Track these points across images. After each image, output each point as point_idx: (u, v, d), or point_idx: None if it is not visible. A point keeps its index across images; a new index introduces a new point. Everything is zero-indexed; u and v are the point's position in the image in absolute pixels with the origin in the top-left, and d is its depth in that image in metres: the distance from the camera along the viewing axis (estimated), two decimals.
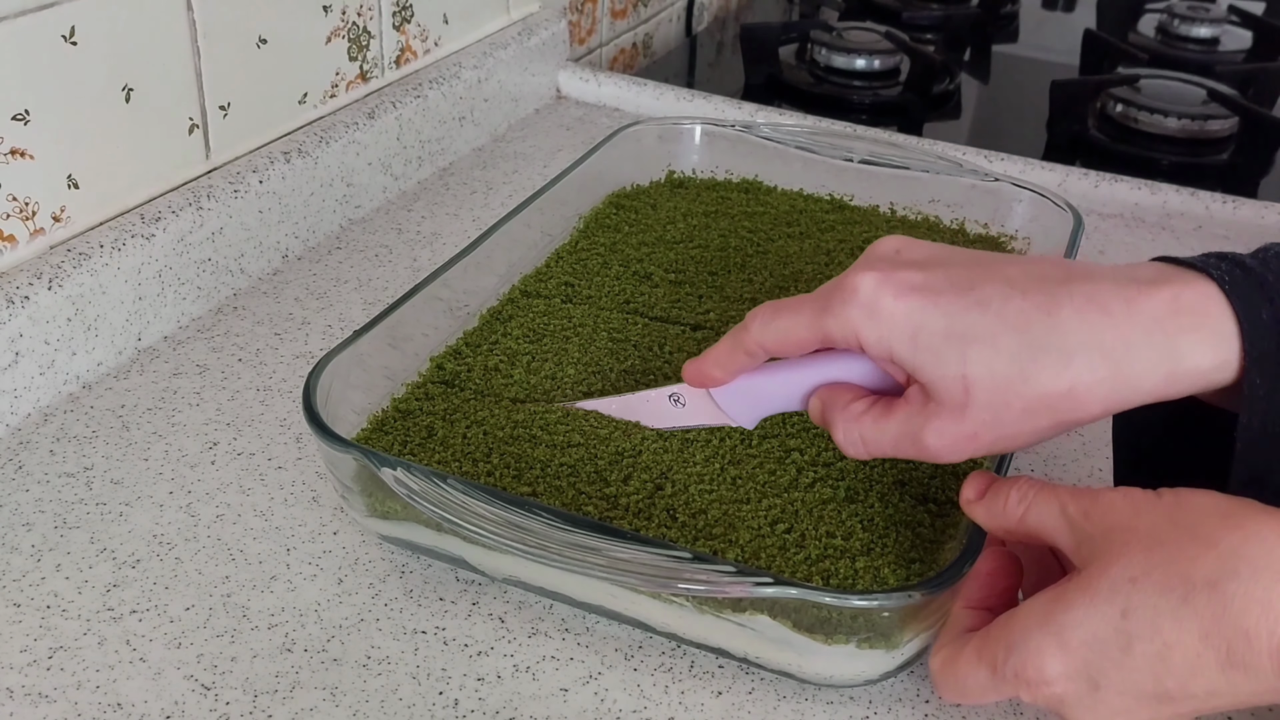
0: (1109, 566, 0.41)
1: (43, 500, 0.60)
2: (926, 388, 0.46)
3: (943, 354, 0.44)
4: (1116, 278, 0.44)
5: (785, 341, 0.49)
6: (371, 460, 0.51)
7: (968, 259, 0.47)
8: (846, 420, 0.49)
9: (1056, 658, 0.41)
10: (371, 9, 0.89)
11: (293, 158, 0.81)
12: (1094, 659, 0.41)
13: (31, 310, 0.64)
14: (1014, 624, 0.43)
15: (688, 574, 0.47)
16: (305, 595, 0.56)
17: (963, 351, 0.44)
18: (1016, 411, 0.44)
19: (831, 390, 0.50)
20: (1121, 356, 0.43)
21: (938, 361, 0.44)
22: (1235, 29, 1.40)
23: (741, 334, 0.50)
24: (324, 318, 0.77)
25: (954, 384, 0.44)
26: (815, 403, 0.51)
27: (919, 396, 0.46)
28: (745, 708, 0.51)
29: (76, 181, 0.68)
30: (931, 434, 0.46)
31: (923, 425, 0.46)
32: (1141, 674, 0.40)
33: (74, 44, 0.66)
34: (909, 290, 0.45)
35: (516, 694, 0.51)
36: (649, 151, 0.87)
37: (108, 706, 0.50)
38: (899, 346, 0.45)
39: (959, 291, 0.45)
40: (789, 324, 0.48)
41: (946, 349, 0.44)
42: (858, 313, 0.46)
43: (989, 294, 0.44)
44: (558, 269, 0.74)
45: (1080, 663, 0.41)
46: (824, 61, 1.22)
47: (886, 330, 0.45)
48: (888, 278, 0.46)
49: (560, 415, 0.61)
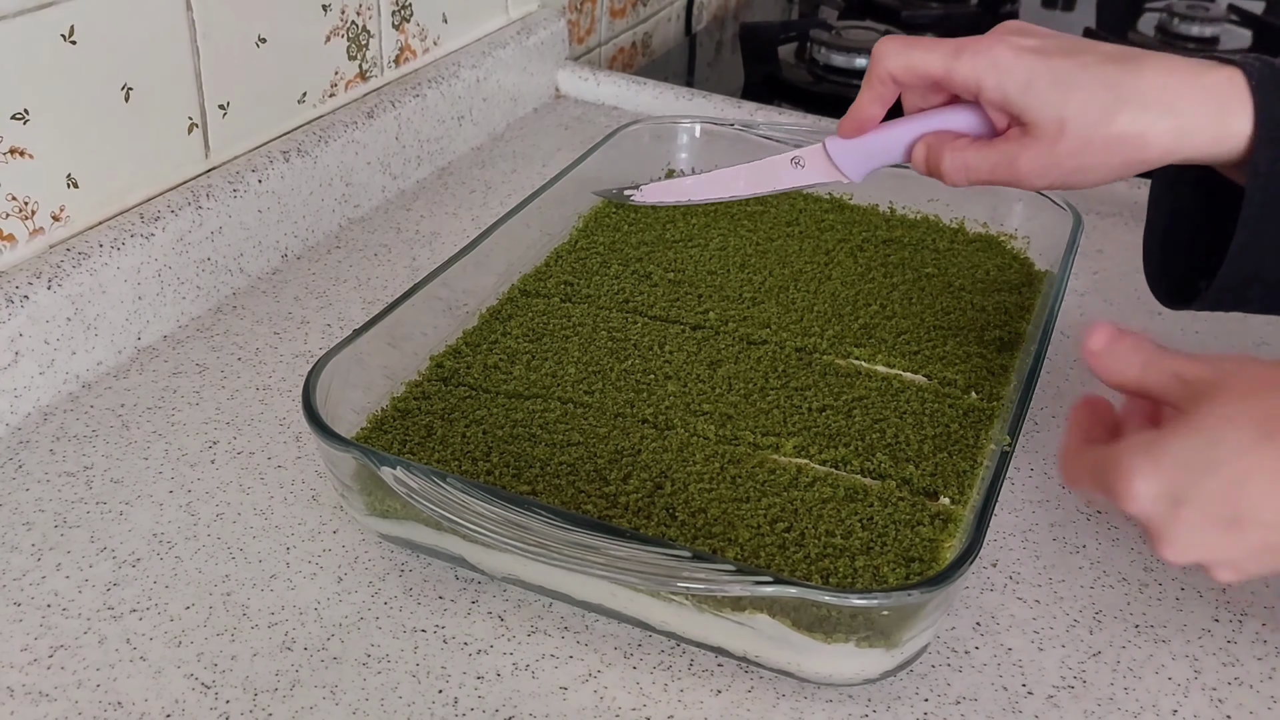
0: (1211, 408, 0.47)
1: (43, 499, 0.60)
2: (1029, 126, 0.57)
3: (1047, 98, 0.56)
4: (1188, 59, 0.56)
5: (914, 73, 0.59)
6: (371, 459, 0.51)
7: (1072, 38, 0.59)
8: (953, 151, 0.60)
9: (1149, 478, 0.47)
10: (370, 8, 0.89)
11: (292, 157, 0.81)
12: (1180, 480, 0.46)
13: (31, 310, 0.64)
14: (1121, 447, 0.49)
15: (687, 572, 0.47)
16: (305, 594, 0.56)
17: (1064, 97, 0.55)
18: (1096, 147, 0.55)
19: (937, 134, 0.61)
20: (1185, 113, 0.54)
21: (1043, 104, 0.56)
22: (1235, 28, 1.40)
23: (873, 67, 0.61)
24: (323, 317, 0.77)
25: (1053, 123, 0.56)
26: (920, 148, 0.61)
27: (1018, 133, 0.58)
28: (745, 706, 0.51)
29: (76, 181, 0.68)
30: (1025, 159, 0.57)
31: (1019, 152, 0.57)
32: (1218, 496, 0.46)
33: (73, 43, 0.66)
34: (1027, 51, 0.57)
35: (516, 692, 0.51)
36: (648, 150, 0.87)
37: (108, 705, 0.50)
38: (1013, 91, 0.56)
39: (1066, 54, 0.56)
40: (922, 58, 0.59)
41: (1052, 94, 0.55)
42: (985, 62, 0.57)
43: (1088, 59, 0.56)
44: (557, 268, 0.74)
45: (1168, 484, 0.47)
46: (823, 60, 1.22)
47: (1006, 77, 0.56)
48: (1011, 41, 0.57)
49: (560, 414, 0.61)
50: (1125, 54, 0.56)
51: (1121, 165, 0.56)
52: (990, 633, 0.56)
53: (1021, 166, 0.58)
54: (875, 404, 0.63)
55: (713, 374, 0.64)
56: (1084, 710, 0.52)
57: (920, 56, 0.59)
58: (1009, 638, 0.55)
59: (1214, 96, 0.54)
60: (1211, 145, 0.55)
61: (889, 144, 0.63)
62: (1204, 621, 0.57)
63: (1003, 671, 0.54)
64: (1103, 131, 0.55)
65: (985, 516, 0.50)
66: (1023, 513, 0.63)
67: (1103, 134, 0.55)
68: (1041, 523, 0.62)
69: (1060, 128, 0.56)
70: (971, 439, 0.60)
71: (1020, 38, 0.58)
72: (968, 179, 0.60)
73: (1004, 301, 0.72)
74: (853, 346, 0.67)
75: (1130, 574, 0.59)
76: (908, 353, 0.67)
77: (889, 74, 0.60)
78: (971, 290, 0.73)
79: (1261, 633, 0.56)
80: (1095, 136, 0.55)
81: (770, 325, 0.69)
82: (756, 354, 0.66)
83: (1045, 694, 0.53)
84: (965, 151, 0.59)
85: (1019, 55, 0.57)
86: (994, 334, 0.69)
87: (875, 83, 0.61)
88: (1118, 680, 0.53)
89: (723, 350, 0.67)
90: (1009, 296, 0.73)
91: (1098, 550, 0.61)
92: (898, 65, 0.60)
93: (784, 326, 0.69)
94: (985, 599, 0.57)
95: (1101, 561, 0.60)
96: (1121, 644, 0.55)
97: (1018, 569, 0.59)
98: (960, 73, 0.58)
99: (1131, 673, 0.54)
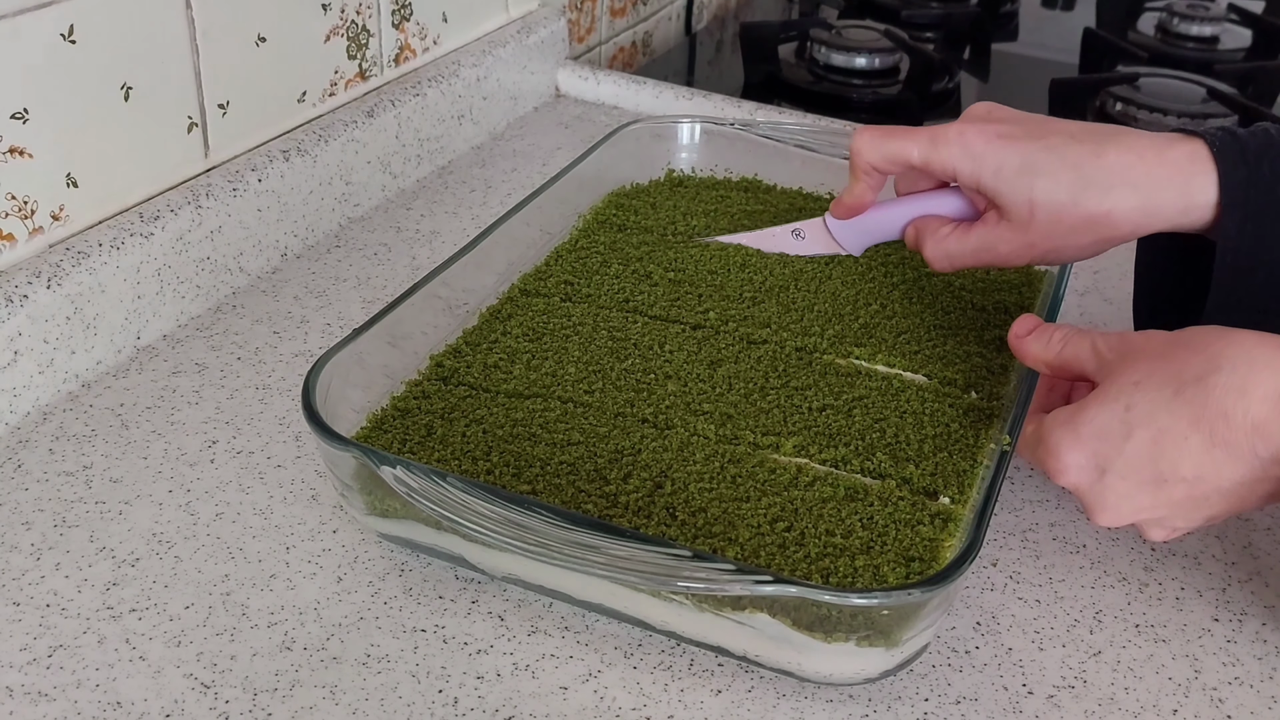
0: (1120, 376, 0.50)
1: (42, 499, 0.60)
2: (1001, 210, 0.60)
3: (1016, 184, 0.58)
4: (1152, 135, 0.58)
5: (894, 162, 0.63)
6: (371, 458, 0.51)
7: (1039, 119, 0.61)
8: (935, 240, 0.63)
9: (1072, 449, 0.50)
10: (370, 7, 0.89)
11: (291, 156, 0.81)
12: (1101, 448, 0.50)
13: (30, 309, 0.64)
14: (1044, 424, 0.52)
15: (687, 572, 0.47)
16: (305, 594, 0.56)
17: (1031, 182, 0.58)
18: (1066, 228, 0.58)
19: (924, 219, 0.65)
20: (1149, 190, 0.57)
21: (1012, 189, 0.59)
22: (1235, 27, 1.40)
23: (855, 159, 0.64)
24: (323, 316, 0.77)
25: (1023, 206, 0.58)
26: (911, 231, 0.66)
27: (994, 217, 0.61)
28: (745, 706, 0.51)
29: (75, 180, 0.68)
30: (1003, 242, 0.60)
31: (996, 236, 0.60)
32: (1139, 458, 0.49)
33: (73, 43, 0.66)
34: (995, 137, 0.59)
35: (516, 692, 0.51)
36: (648, 150, 0.87)
37: (107, 705, 0.50)
38: (985, 177, 0.59)
39: (1032, 139, 0.59)
40: (899, 148, 0.62)
41: (1019, 180, 0.58)
42: (957, 149, 0.60)
43: (1054, 141, 0.58)
44: (557, 267, 0.74)
45: (1090, 453, 0.50)
46: (823, 60, 1.22)
47: (977, 165, 0.59)
48: (981, 128, 0.60)
49: (560, 413, 0.61)
50: (1090, 133, 0.59)
51: (1094, 243, 0.59)
52: (990, 632, 0.55)
53: (999, 249, 0.61)
54: (875, 403, 0.63)
55: (713, 373, 0.64)
56: (1084, 710, 0.52)
57: (897, 147, 0.63)
58: (1009, 637, 0.55)
59: (1179, 171, 0.57)
60: (1179, 216, 0.57)
61: (882, 224, 0.68)
62: (1204, 621, 0.57)
63: (1003, 671, 0.54)
64: (1070, 213, 0.58)
65: (985, 516, 0.50)
66: (1023, 513, 0.63)
67: (1070, 215, 0.58)
68: (1041, 522, 0.62)
69: (1030, 211, 0.58)
70: (971, 439, 0.60)
71: (989, 124, 0.60)
72: (951, 266, 0.64)
73: (1004, 301, 0.72)
74: (853, 346, 0.67)
75: (1130, 574, 0.59)
76: (908, 352, 0.67)
77: (870, 165, 0.64)
78: (971, 290, 0.73)
79: (1261, 632, 0.56)
80: (1064, 218, 0.58)
81: (770, 325, 0.69)
82: (757, 353, 0.66)
83: (1046, 694, 0.53)
84: (947, 240, 0.63)
85: (989, 142, 0.60)
86: (994, 334, 0.69)
87: (860, 174, 0.65)
88: (1118, 680, 0.53)
89: (723, 350, 0.67)
90: (1009, 296, 0.73)
91: (1098, 550, 0.61)
92: (876, 157, 0.63)
93: (784, 326, 0.69)
94: (985, 599, 0.57)
95: (1102, 561, 0.60)
96: (1122, 644, 0.55)
97: (1018, 569, 0.59)
98: (937, 161, 0.61)
99: (1132, 672, 0.54)
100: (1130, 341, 0.52)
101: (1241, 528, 0.63)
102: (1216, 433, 0.47)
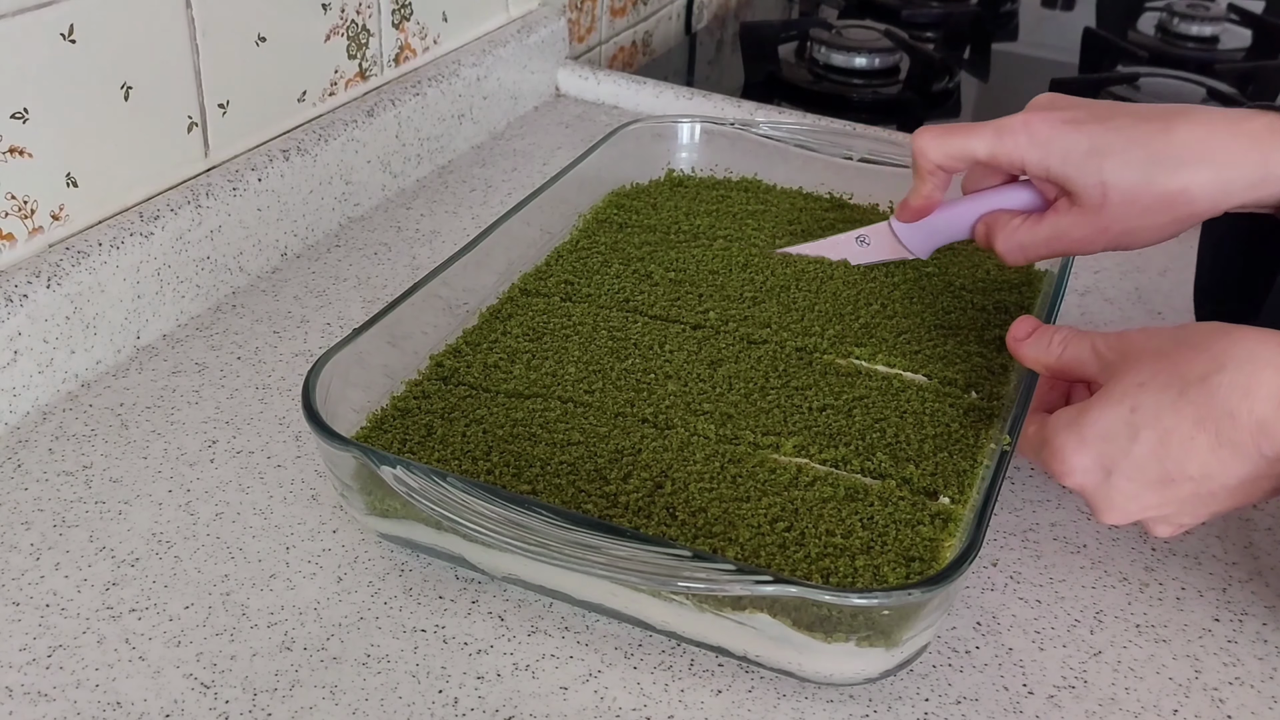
0: (1123, 377, 0.50)
1: (42, 499, 0.60)
2: (1073, 195, 0.58)
3: (1085, 167, 0.57)
4: (1225, 110, 0.57)
5: (958, 160, 0.62)
6: (371, 458, 0.51)
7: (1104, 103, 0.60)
8: (1007, 234, 0.62)
9: (1077, 452, 0.50)
10: (370, 7, 0.89)
11: (291, 156, 0.81)
12: (1106, 450, 0.50)
13: (30, 309, 0.64)
14: (1047, 426, 0.52)
15: (687, 572, 0.47)
16: (304, 594, 0.55)
17: (1100, 164, 0.57)
18: (1140, 209, 0.57)
19: (994, 215, 0.63)
20: (1225, 163, 0.55)
21: (1082, 173, 0.57)
22: (1235, 27, 1.40)
23: (918, 161, 0.63)
24: (323, 316, 0.77)
25: (1094, 189, 0.57)
26: (981, 227, 0.64)
27: (1065, 204, 0.59)
28: (745, 706, 0.51)
29: (75, 180, 0.68)
30: (1075, 229, 0.59)
31: (1069, 224, 0.59)
32: (1145, 459, 0.49)
33: (73, 42, 0.66)
34: (1061, 123, 0.58)
35: (516, 692, 0.51)
36: (648, 150, 0.86)
37: (107, 705, 0.50)
38: (1053, 164, 0.58)
39: (1098, 121, 0.58)
40: (963, 144, 0.61)
41: (1088, 163, 0.57)
42: (1023, 139, 0.59)
43: (1121, 122, 0.57)
44: (558, 267, 0.74)
45: (1095, 454, 0.50)
46: (823, 59, 1.22)
47: (1045, 152, 0.58)
48: (1046, 115, 0.59)
49: (560, 413, 0.61)
50: (1158, 112, 0.57)
51: (1172, 222, 0.57)
52: (991, 632, 0.55)
53: (1073, 235, 0.60)
54: (875, 403, 0.62)
55: (713, 373, 0.64)
56: (1085, 710, 0.52)
57: (961, 143, 0.61)
58: (1010, 637, 0.55)
59: (1257, 144, 0.55)
60: (1252, 190, 0.56)
61: (950, 224, 0.67)
62: (1205, 621, 0.57)
63: (1004, 671, 0.53)
64: (1145, 192, 0.56)
65: (985, 516, 0.50)
66: (1023, 513, 0.63)
67: (1145, 194, 0.56)
68: (1042, 522, 0.62)
69: (1103, 194, 0.57)
70: (971, 439, 0.60)
71: (1053, 111, 0.59)
72: (1024, 258, 0.62)
73: (1004, 301, 0.72)
74: (853, 346, 0.67)
75: (1131, 574, 0.59)
76: (908, 352, 0.67)
77: (935, 165, 0.63)
78: (971, 290, 0.73)
79: (1262, 632, 0.56)
80: (1139, 198, 0.57)
81: (771, 324, 0.69)
82: (757, 353, 0.66)
83: (1046, 694, 0.53)
84: (1018, 232, 0.62)
85: (1055, 128, 0.58)
86: (994, 334, 0.69)
87: (925, 174, 0.64)
88: (1119, 680, 0.53)
89: (723, 350, 0.67)
90: (1009, 296, 0.73)
91: (1098, 550, 0.61)
92: (940, 156, 0.62)
93: (784, 326, 0.69)
94: (986, 599, 0.57)
95: (1102, 561, 0.60)
96: (1123, 644, 0.55)
97: (1018, 569, 0.59)
98: (1004, 153, 0.60)
99: (1133, 673, 0.54)
100: (1131, 341, 0.52)
101: (1242, 528, 0.63)
102: (1222, 432, 0.47)
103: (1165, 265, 0.87)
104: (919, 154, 0.63)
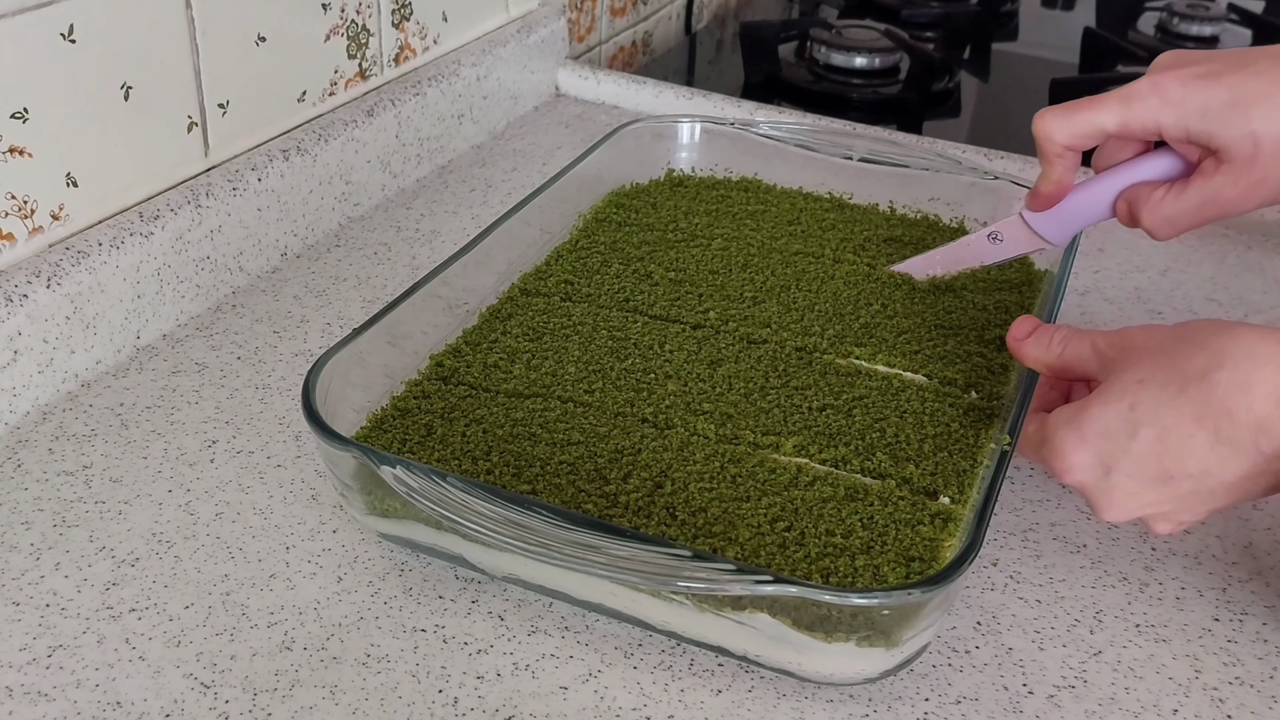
0: (1122, 374, 0.50)
1: (42, 499, 0.60)
2: (1220, 153, 0.55)
3: (1230, 119, 0.54)
4: None
5: (1087, 137, 0.58)
6: (371, 458, 0.51)
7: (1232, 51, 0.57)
8: (1151, 207, 0.58)
9: (1076, 449, 0.50)
10: (370, 7, 0.89)
11: (291, 156, 0.81)
12: (1106, 447, 0.49)
13: (30, 308, 0.64)
14: (1047, 424, 0.52)
15: (687, 572, 0.47)
16: (304, 593, 0.55)
17: (1247, 113, 0.53)
18: None
19: (1133, 189, 0.60)
20: None
21: (1226, 126, 0.54)
22: (1235, 27, 1.40)
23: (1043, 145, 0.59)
24: (323, 316, 0.77)
25: (1244, 141, 0.54)
26: (1122, 204, 0.61)
27: (1212, 165, 0.56)
28: (745, 706, 0.51)
29: (75, 180, 0.68)
30: (1227, 188, 0.55)
31: (1219, 184, 0.55)
32: (1145, 456, 0.49)
33: (73, 42, 0.66)
34: (1193, 78, 0.55)
35: (516, 692, 0.51)
36: (648, 149, 0.86)
37: (107, 705, 0.50)
38: (1192, 122, 0.55)
39: (1235, 68, 0.54)
40: (1089, 119, 0.57)
41: (1233, 114, 0.54)
42: (1155, 101, 0.55)
43: (1262, 66, 0.54)
44: (558, 267, 0.74)
45: (1095, 452, 0.50)
46: (823, 59, 1.22)
47: (1181, 111, 0.55)
48: (1175, 73, 0.56)
49: (560, 413, 0.61)
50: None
51: None
52: (991, 632, 0.55)
53: (1225, 195, 0.56)
54: (875, 403, 0.62)
55: (713, 373, 0.64)
56: (1085, 710, 0.52)
57: (1086, 118, 0.58)
58: (1010, 637, 0.55)
59: None
60: None
61: (1087, 207, 0.63)
62: (1205, 621, 0.57)
63: (1004, 671, 0.53)
64: None
65: (985, 516, 0.50)
66: (1023, 512, 0.63)
67: None
68: (1042, 522, 0.62)
69: (1254, 144, 0.54)
70: (971, 438, 0.60)
71: (1181, 68, 0.56)
72: (1173, 230, 0.59)
73: (1004, 301, 0.72)
74: (853, 346, 0.67)
75: (1131, 573, 0.59)
76: (908, 352, 0.67)
77: (1063, 146, 0.59)
78: (972, 290, 0.73)
79: (1262, 632, 0.56)
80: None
81: (771, 324, 0.69)
82: (757, 353, 0.66)
83: (1046, 694, 0.53)
84: (1163, 204, 0.58)
85: (1187, 84, 0.55)
86: (994, 334, 0.69)
87: (1052, 158, 0.60)
88: (1119, 680, 0.53)
89: (723, 349, 0.67)
90: (1009, 296, 0.73)
91: (1098, 550, 0.61)
92: (1066, 136, 0.59)
93: (784, 326, 0.69)
94: (986, 598, 0.57)
95: (1102, 561, 0.60)
96: (1123, 644, 0.55)
97: (1018, 568, 0.59)
98: (1135, 120, 0.57)
99: (1133, 672, 0.54)
100: (1131, 338, 0.52)
101: (1242, 527, 0.63)
102: (1221, 430, 0.47)
103: (1165, 265, 0.87)
104: (1044, 138, 0.59)
